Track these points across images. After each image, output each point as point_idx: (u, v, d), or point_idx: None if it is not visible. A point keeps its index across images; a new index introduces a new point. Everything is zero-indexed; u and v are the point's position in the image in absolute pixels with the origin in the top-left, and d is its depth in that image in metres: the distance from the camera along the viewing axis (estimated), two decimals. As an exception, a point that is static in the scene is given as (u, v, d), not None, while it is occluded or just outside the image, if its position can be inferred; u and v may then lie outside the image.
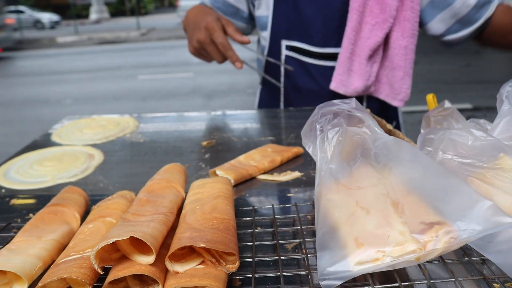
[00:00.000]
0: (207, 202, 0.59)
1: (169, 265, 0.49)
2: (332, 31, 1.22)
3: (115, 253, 0.52)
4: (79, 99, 7.19)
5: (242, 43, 1.09)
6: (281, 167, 0.90)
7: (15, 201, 0.82)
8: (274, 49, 1.30)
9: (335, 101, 0.78)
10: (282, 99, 1.37)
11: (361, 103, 1.31)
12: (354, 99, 0.79)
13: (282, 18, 1.25)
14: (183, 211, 0.59)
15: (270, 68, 1.35)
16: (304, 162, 0.92)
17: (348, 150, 0.70)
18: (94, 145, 1.10)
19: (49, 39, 16.29)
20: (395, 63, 1.20)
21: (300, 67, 1.28)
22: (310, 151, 0.77)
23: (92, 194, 0.80)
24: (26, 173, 0.97)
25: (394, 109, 1.39)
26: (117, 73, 9.18)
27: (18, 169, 0.99)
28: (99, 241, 0.50)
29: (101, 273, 0.50)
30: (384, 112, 1.34)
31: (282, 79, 1.33)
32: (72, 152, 1.07)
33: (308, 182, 0.84)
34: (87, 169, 0.96)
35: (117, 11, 30.42)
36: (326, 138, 0.73)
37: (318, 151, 0.72)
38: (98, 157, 1.02)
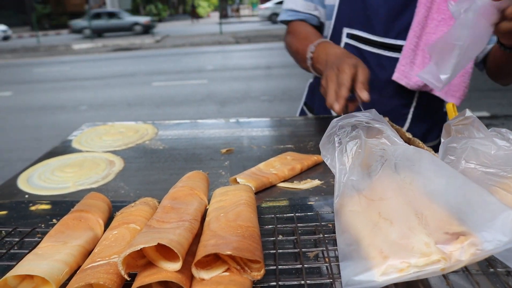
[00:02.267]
0: (231, 210, 0.59)
1: (195, 272, 0.50)
2: (394, 22, 1.24)
3: (141, 259, 0.52)
4: (94, 105, 7.26)
5: (360, 98, 1.02)
6: (301, 175, 0.91)
7: (39, 207, 0.83)
8: (335, 36, 1.33)
9: (354, 113, 0.79)
10: None
11: (412, 98, 1.31)
12: (373, 110, 0.79)
13: (347, 6, 1.27)
14: (207, 218, 0.60)
15: None
16: (324, 170, 0.93)
17: (368, 161, 0.70)
18: (114, 152, 1.11)
19: (65, 46, 16.50)
20: None
21: (357, 55, 1.27)
22: (328, 163, 0.77)
23: (114, 200, 0.81)
24: (48, 179, 0.98)
25: (443, 111, 1.41)
26: (131, 79, 9.26)
27: (40, 175, 1.00)
28: (126, 247, 0.51)
29: (128, 279, 0.51)
30: (432, 110, 1.35)
31: None
32: (92, 158, 1.08)
33: (328, 190, 0.84)
34: (108, 176, 0.97)
35: (132, 18, 30.75)
36: (344, 150, 0.73)
37: (336, 163, 0.73)
38: (118, 163, 1.04)
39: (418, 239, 0.53)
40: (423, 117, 1.34)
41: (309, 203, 0.79)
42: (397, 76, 1.24)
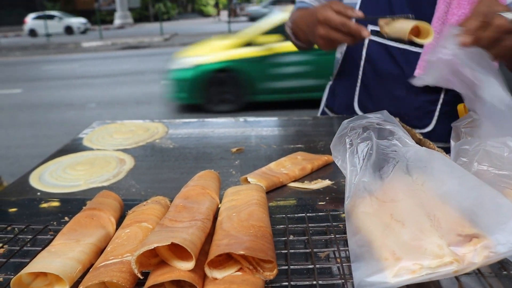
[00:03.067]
0: (243, 210, 0.59)
1: (208, 271, 0.50)
2: (421, 18, 1.22)
3: (153, 258, 0.53)
4: (102, 103, 7.29)
5: (357, 17, 1.05)
6: (311, 175, 0.91)
7: (51, 204, 0.84)
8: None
9: (365, 114, 0.79)
10: (358, 83, 1.35)
11: (439, 94, 1.30)
12: (385, 111, 0.79)
13: (370, 4, 1.26)
14: (219, 218, 0.60)
15: (351, 52, 1.37)
16: (334, 170, 0.92)
17: (379, 163, 0.70)
18: (125, 150, 1.12)
19: (75, 44, 16.59)
20: None
21: (383, 51, 1.28)
22: (339, 164, 0.77)
23: (125, 198, 0.81)
24: (60, 177, 0.99)
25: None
26: (140, 78, 9.30)
27: (52, 172, 1.01)
28: (139, 246, 0.51)
29: (141, 277, 0.51)
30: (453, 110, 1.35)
31: (362, 62, 1.32)
32: (103, 156, 1.09)
33: (338, 191, 0.84)
34: (119, 174, 0.98)
35: (140, 16, 30.86)
36: (355, 152, 0.73)
37: (347, 164, 0.73)
38: (129, 162, 1.04)
39: (431, 241, 0.53)
40: (449, 115, 1.33)
41: (319, 203, 0.79)
42: (418, 72, 1.23)
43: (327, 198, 0.81)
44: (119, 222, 0.69)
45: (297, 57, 5.84)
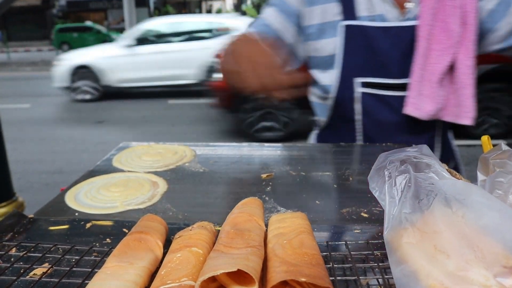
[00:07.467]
0: (293, 237, 0.62)
1: (269, 297, 0.52)
2: (409, 62, 1.26)
3: (212, 283, 0.55)
4: (110, 120, 7.36)
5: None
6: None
7: (91, 225, 0.87)
8: (345, 86, 1.32)
9: (403, 148, 0.82)
10: (360, 137, 1.37)
11: (434, 131, 1.35)
12: (424, 145, 0.82)
13: (355, 56, 1.28)
14: (269, 245, 0.63)
15: (340, 107, 1.36)
16: (365, 199, 0.94)
17: (418, 195, 0.72)
18: (156, 173, 1.15)
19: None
20: (464, 82, 1.23)
21: (379, 101, 1.30)
22: (376, 195, 0.80)
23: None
24: (95, 198, 1.01)
25: (449, 142, 1.46)
26: (147, 96, 9.38)
27: (86, 193, 1.03)
28: (202, 271, 0.53)
29: (203, 301, 0.53)
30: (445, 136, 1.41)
31: (359, 117, 1.34)
32: (135, 178, 1.11)
33: (370, 219, 0.86)
34: (154, 197, 1.00)
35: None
36: (394, 184, 0.76)
37: (386, 196, 0.76)
38: (162, 185, 1.07)
39: (476, 271, 0.55)
40: (442, 146, 1.38)
41: (355, 231, 0.81)
42: (409, 110, 1.27)
43: (362, 226, 0.83)
44: (165, 245, 0.72)
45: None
